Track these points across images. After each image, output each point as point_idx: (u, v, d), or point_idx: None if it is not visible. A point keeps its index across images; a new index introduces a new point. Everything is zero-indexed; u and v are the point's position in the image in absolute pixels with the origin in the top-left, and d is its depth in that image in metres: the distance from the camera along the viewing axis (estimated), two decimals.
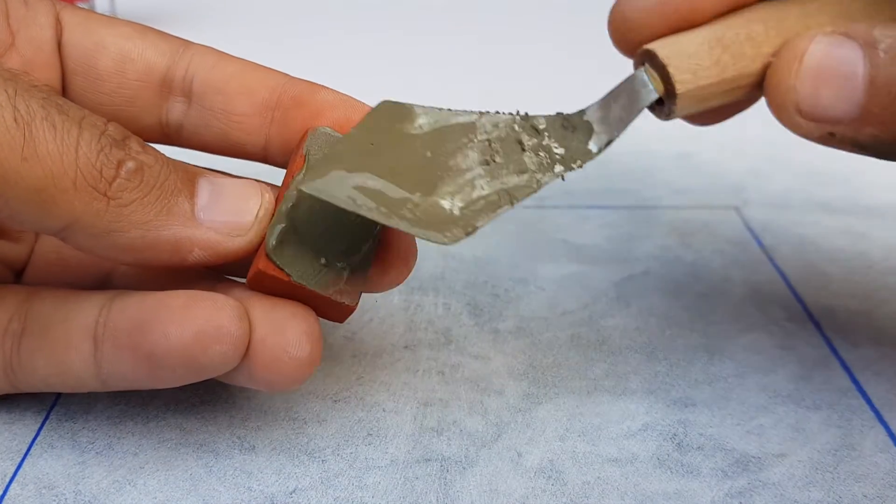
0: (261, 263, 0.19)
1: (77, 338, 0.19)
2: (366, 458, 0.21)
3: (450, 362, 0.24)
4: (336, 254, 0.20)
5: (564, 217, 0.31)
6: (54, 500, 0.19)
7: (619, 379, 0.23)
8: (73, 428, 0.21)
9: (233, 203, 0.19)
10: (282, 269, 0.19)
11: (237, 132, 0.22)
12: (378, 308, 0.26)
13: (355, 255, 0.20)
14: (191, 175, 0.19)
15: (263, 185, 0.20)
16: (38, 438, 0.21)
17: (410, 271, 0.21)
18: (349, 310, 0.20)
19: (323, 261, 0.19)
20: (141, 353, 0.18)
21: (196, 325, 0.18)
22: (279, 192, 0.20)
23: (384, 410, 0.22)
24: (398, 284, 0.21)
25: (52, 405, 0.22)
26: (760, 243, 0.30)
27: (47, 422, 0.21)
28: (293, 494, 0.20)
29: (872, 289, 0.27)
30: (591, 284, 0.27)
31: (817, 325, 0.25)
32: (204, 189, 0.19)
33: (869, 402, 0.23)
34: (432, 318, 0.25)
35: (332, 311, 0.20)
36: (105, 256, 0.19)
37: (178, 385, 0.19)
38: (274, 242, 0.19)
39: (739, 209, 0.32)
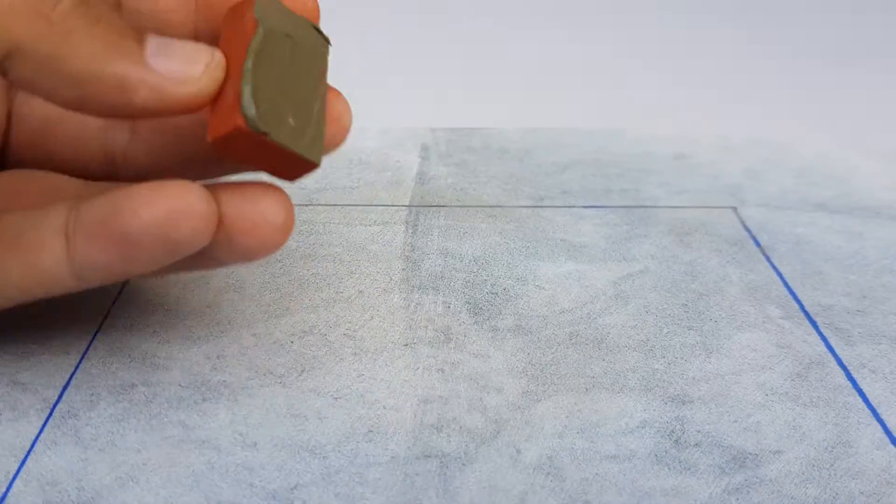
0: (238, 120, 0.19)
1: (49, 238, 0.20)
2: (366, 455, 0.21)
3: (449, 360, 0.24)
4: (300, 112, 0.20)
5: (563, 216, 0.31)
6: (57, 497, 0.19)
7: (617, 376, 0.23)
8: (76, 425, 0.21)
9: (182, 53, 0.19)
10: (250, 122, 0.19)
11: (170, 29, 0.22)
12: (378, 306, 0.26)
13: (314, 112, 0.20)
14: (138, 29, 0.20)
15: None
16: (41, 435, 0.21)
17: (348, 130, 0.22)
18: (313, 167, 0.20)
19: (291, 120, 0.20)
20: (114, 238, 0.19)
21: (166, 204, 0.19)
22: (223, 58, 0.20)
23: (384, 407, 0.22)
24: (339, 145, 0.22)
25: (55, 402, 0.22)
26: (757, 243, 0.30)
27: (50, 419, 0.21)
28: (294, 490, 0.20)
29: (868, 287, 0.27)
30: (589, 283, 0.27)
31: (814, 324, 0.26)
32: (152, 41, 0.19)
33: (865, 399, 0.23)
34: (432, 317, 0.26)
35: (295, 169, 0.20)
36: (50, 94, 0.19)
37: (153, 269, 0.20)
38: (248, 97, 0.19)
39: (737, 209, 0.32)
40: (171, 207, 0.19)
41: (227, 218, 0.20)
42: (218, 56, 0.20)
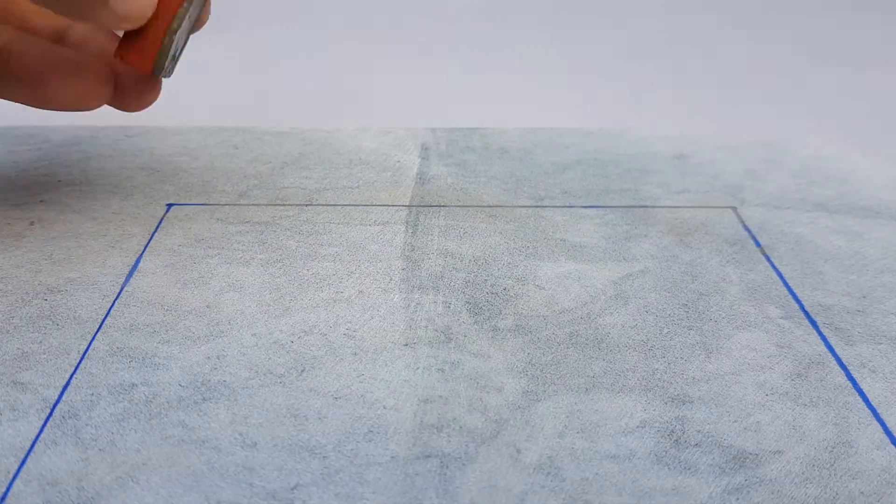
0: (147, 68, 0.26)
1: None
2: (366, 455, 0.21)
3: (449, 360, 0.24)
4: (178, 52, 0.28)
5: (563, 216, 0.31)
6: (57, 497, 0.19)
7: (617, 376, 0.23)
8: (76, 425, 0.21)
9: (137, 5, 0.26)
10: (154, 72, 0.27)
11: None
12: (378, 306, 0.26)
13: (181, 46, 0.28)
14: None
15: None
16: (42, 436, 0.21)
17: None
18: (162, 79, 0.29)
19: (174, 59, 0.27)
20: (38, 96, 0.27)
21: (84, 88, 0.27)
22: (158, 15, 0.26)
23: (385, 407, 0.22)
24: None
25: (55, 402, 0.22)
26: (757, 243, 0.30)
27: (50, 419, 0.21)
28: (294, 490, 0.20)
29: (868, 287, 0.27)
30: (589, 283, 0.27)
31: (814, 324, 0.26)
32: None
33: (865, 399, 0.23)
34: (432, 317, 0.26)
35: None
36: None
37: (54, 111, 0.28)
38: (161, 60, 0.27)
39: (737, 209, 0.32)
40: (89, 92, 0.27)
41: (122, 95, 0.28)
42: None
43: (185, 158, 0.35)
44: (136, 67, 0.27)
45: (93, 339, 0.24)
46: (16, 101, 0.28)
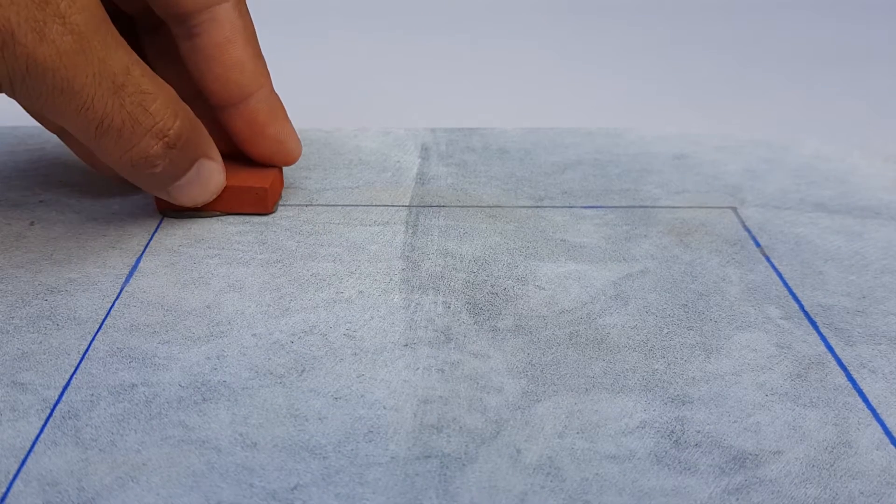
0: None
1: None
2: (366, 455, 0.21)
3: (449, 360, 0.24)
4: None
5: (563, 217, 0.31)
6: (57, 497, 0.19)
7: (616, 377, 0.23)
8: (77, 425, 0.21)
9: (205, 186, 0.29)
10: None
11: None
12: (378, 306, 0.26)
13: None
14: (201, 151, 0.28)
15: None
16: (42, 436, 0.21)
17: None
18: None
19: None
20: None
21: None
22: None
23: (384, 408, 0.22)
24: None
25: (55, 402, 0.22)
26: (757, 243, 0.30)
27: (50, 419, 0.21)
28: (294, 491, 0.20)
29: (868, 287, 0.27)
30: (589, 283, 0.27)
31: (813, 324, 0.26)
32: (195, 169, 0.28)
33: (865, 399, 0.23)
34: (432, 317, 0.26)
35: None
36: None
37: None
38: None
39: (737, 209, 0.32)
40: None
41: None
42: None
43: None
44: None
45: (93, 339, 0.24)
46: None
